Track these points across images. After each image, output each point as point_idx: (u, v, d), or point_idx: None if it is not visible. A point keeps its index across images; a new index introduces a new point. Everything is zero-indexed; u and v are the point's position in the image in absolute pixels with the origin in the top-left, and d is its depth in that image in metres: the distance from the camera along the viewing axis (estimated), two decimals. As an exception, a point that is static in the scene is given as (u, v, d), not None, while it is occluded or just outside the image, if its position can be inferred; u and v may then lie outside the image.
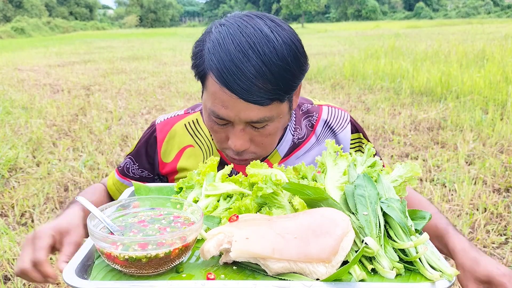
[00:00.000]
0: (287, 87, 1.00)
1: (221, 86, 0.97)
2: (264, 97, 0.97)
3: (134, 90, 8.04)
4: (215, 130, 1.08)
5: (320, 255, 0.70)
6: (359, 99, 6.71)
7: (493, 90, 6.17)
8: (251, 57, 0.94)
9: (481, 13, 56.31)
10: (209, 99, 1.02)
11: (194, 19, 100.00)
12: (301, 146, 1.27)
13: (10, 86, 8.57)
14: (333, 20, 69.15)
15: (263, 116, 1.00)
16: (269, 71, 0.95)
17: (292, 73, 0.99)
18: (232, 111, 0.99)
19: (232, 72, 0.94)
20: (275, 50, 0.95)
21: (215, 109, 1.01)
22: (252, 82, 0.94)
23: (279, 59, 0.96)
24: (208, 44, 1.01)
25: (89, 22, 54.27)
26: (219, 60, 0.96)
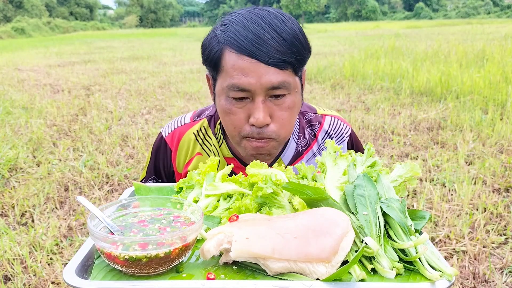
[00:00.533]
0: (299, 55, 1.06)
1: (239, 54, 1.02)
2: (281, 58, 1.03)
3: (134, 90, 8.04)
4: (233, 111, 1.08)
5: (320, 255, 0.70)
6: (359, 99, 6.71)
7: (493, 90, 6.17)
8: (264, 26, 1.02)
9: (481, 13, 56.31)
10: (227, 75, 1.05)
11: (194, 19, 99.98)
12: (304, 154, 1.31)
13: (10, 86, 8.57)
14: (333, 20, 69.13)
15: (282, 80, 1.04)
16: (282, 37, 1.03)
17: (301, 43, 1.07)
18: (253, 77, 1.02)
19: (250, 39, 1.01)
20: (283, 22, 1.05)
21: (234, 81, 1.04)
22: (269, 44, 1.01)
23: (289, 29, 1.05)
24: (219, 28, 1.08)
25: (89, 22, 54.26)
26: (235, 32, 1.03)
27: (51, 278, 2.40)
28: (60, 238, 2.83)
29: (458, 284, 2.31)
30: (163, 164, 1.34)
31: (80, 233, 2.91)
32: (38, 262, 2.55)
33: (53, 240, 2.77)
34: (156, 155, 1.35)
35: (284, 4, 54.22)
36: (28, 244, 2.74)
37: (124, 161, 4.21)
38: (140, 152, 4.44)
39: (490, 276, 2.36)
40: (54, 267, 2.50)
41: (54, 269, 2.48)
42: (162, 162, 1.34)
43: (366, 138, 4.75)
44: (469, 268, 2.42)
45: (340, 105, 6.37)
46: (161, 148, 1.34)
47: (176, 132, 1.32)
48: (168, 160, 1.33)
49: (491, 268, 2.40)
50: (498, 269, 2.44)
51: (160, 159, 1.34)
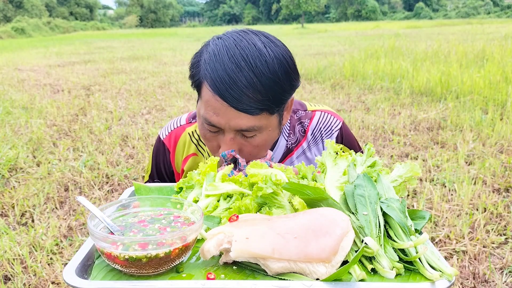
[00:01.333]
0: (277, 99, 1.04)
1: (213, 94, 1.02)
2: (253, 106, 1.01)
3: (134, 90, 8.04)
4: (207, 138, 1.13)
5: (320, 255, 0.70)
6: (359, 99, 6.71)
7: (493, 90, 6.17)
8: (243, 68, 1.00)
9: (481, 13, 56.30)
10: (203, 106, 1.07)
11: (194, 19, 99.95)
12: (294, 151, 1.32)
13: (10, 86, 8.57)
14: (333, 20, 69.13)
15: (252, 125, 1.05)
16: (260, 82, 1.00)
17: (281, 87, 1.04)
18: (223, 118, 1.04)
19: (225, 81, 1.00)
20: (266, 63, 1.01)
21: (207, 116, 1.06)
22: (242, 91, 1.00)
23: (270, 72, 1.01)
24: (204, 55, 1.07)
25: (89, 22, 54.27)
26: (213, 69, 1.02)
27: (51, 278, 2.40)
28: (60, 238, 2.83)
29: (458, 284, 2.31)
30: (164, 166, 1.37)
31: (80, 233, 2.91)
32: (38, 262, 2.55)
33: (53, 240, 2.77)
34: (157, 157, 1.38)
35: (284, 4, 54.21)
36: (28, 244, 2.74)
37: (124, 161, 4.21)
38: (140, 152, 4.44)
39: (490, 276, 2.36)
40: (54, 267, 2.50)
41: (54, 269, 2.48)
42: (163, 164, 1.36)
43: (366, 138, 4.75)
44: (469, 268, 2.42)
45: (340, 105, 6.37)
46: (160, 150, 1.36)
47: (173, 134, 1.35)
48: (167, 161, 1.36)
49: (491, 268, 2.40)
50: (498, 269, 2.44)
51: (160, 161, 1.37)
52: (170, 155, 1.35)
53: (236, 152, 1.10)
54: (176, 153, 1.34)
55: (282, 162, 1.30)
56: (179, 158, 1.35)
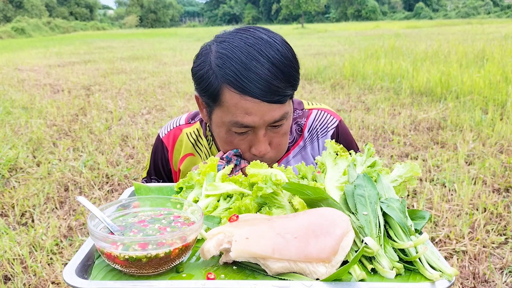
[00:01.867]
0: (295, 82, 1.09)
1: (242, 95, 1.02)
2: (282, 94, 1.05)
3: (134, 90, 8.04)
4: (235, 143, 1.12)
5: (320, 255, 0.70)
6: (359, 99, 6.71)
7: (493, 90, 6.17)
8: (262, 61, 1.02)
9: (481, 13, 56.31)
10: (229, 112, 1.06)
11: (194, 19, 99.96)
12: (291, 150, 1.33)
13: (10, 86, 8.57)
14: (333, 20, 69.13)
15: (284, 113, 1.08)
16: (280, 70, 1.04)
17: (295, 68, 1.09)
18: (257, 115, 1.05)
19: (251, 79, 1.01)
20: (279, 51, 1.05)
21: (238, 119, 1.05)
22: (270, 83, 1.02)
23: (285, 58, 1.05)
24: (214, 61, 1.05)
25: (89, 22, 54.27)
26: (234, 71, 1.02)
27: (51, 278, 2.40)
28: (60, 238, 2.83)
29: (458, 284, 2.31)
30: (162, 163, 1.38)
31: (80, 233, 2.91)
32: (38, 262, 2.55)
33: (53, 240, 2.77)
34: (155, 155, 1.39)
35: (284, 4, 54.22)
36: (28, 244, 2.74)
37: (124, 161, 4.21)
38: (140, 152, 4.44)
39: (490, 276, 2.36)
40: (54, 267, 2.50)
41: (54, 269, 2.48)
42: (161, 162, 1.38)
43: (366, 138, 4.75)
44: (469, 268, 2.42)
45: (340, 105, 6.37)
46: (159, 148, 1.38)
47: (172, 133, 1.37)
48: (165, 158, 1.38)
49: (491, 268, 2.40)
50: (498, 269, 2.44)
51: (159, 159, 1.38)
52: (169, 153, 1.37)
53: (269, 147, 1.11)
54: (175, 152, 1.36)
55: (279, 161, 1.30)
56: (177, 157, 1.37)
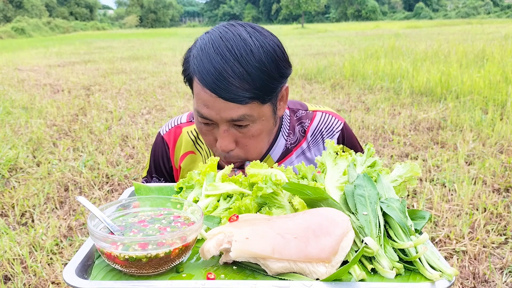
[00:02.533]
0: (265, 88, 1.05)
1: (202, 87, 1.04)
2: (241, 95, 1.02)
3: (134, 90, 8.04)
4: (203, 132, 1.14)
5: (320, 255, 0.70)
6: (359, 99, 6.71)
7: (493, 90, 6.17)
8: (229, 59, 1.02)
9: (481, 13, 56.31)
10: (195, 100, 1.10)
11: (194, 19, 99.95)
12: (293, 151, 1.31)
13: (10, 86, 8.57)
14: (333, 20, 69.13)
15: (243, 114, 1.05)
16: (246, 71, 1.02)
17: (269, 75, 1.04)
18: (213, 110, 1.05)
19: (211, 73, 1.02)
20: (252, 52, 1.02)
21: (199, 108, 1.08)
22: (229, 82, 1.01)
23: (256, 61, 1.02)
24: (193, 51, 1.10)
25: (89, 22, 54.26)
26: (200, 63, 1.05)
27: (51, 278, 2.40)
28: (60, 238, 2.83)
29: (458, 284, 2.31)
30: (163, 161, 1.38)
31: (80, 233, 2.91)
32: (38, 262, 2.55)
33: (53, 240, 2.77)
34: (156, 153, 1.39)
35: (284, 4, 54.22)
36: (28, 244, 2.74)
37: (124, 161, 4.21)
38: (140, 152, 4.44)
39: (490, 276, 2.36)
40: (54, 267, 2.50)
41: (54, 269, 2.48)
42: (162, 159, 1.38)
43: (366, 138, 4.75)
44: (469, 268, 2.42)
45: (340, 105, 6.37)
46: (159, 145, 1.38)
47: (173, 130, 1.37)
48: (167, 156, 1.37)
49: (491, 268, 2.40)
50: (498, 269, 2.44)
51: (159, 156, 1.38)
52: (170, 151, 1.36)
53: (232, 145, 1.11)
54: (176, 149, 1.36)
55: (281, 162, 1.29)
56: (178, 155, 1.36)
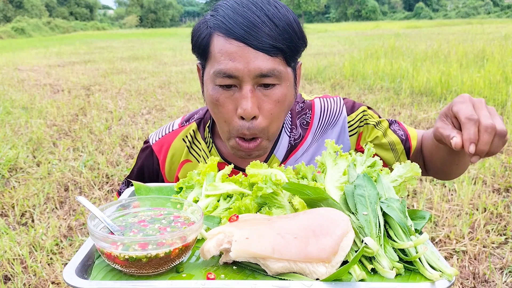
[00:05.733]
0: (291, 43, 1.01)
1: (227, 38, 0.98)
2: (271, 44, 0.97)
3: (134, 90, 8.04)
4: (220, 102, 1.02)
5: (320, 255, 0.70)
6: (359, 99, 6.71)
7: (493, 90, 6.17)
8: (255, 11, 0.98)
9: (481, 13, 56.31)
10: (214, 61, 1.00)
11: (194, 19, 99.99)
12: (298, 147, 1.23)
13: (10, 86, 8.57)
14: (333, 20, 69.12)
15: (272, 68, 0.99)
16: (274, 23, 0.98)
17: (294, 31, 1.01)
18: (241, 62, 0.97)
19: (239, 22, 0.97)
20: (277, 8, 1.00)
21: (221, 66, 0.98)
22: (259, 28, 0.97)
23: (282, 15, 1.00)
24: (209, 14, 1.05)
25: (89, 22, 54.26)
26: (224, 16, 0.99)
27: (51, 278, 2.40)
28: (60, 238, 2.83)
29: (458, 284, 2.31)
30: (149, 173, 1.25)
31: (80, 233, 2.91)
32: (38, 262, 2.55)
33: (53, 240, 2.77)
34: (142, 161, 1.26)
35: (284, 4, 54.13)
36: (28, 244, 2.74)
37: (124, 161, 4.21)
38: (140, 152, 4.44)
39: (490, 276, 2.36)
40: (54, 267, 2.50)
41: (54, 269, 2.47)
42: (148, 170, 1.25)
43: (366, 138, 4.75)
44: (469, 268, 2.42)
45: (340, 105, 6.36)
46: (147, 156, 1.25)
47: (164, 140, 1.24)
48: (154, 169, 1.24)
49: (491, 268, 2.40)
50: (498, 269, 2.44)
51: (145, 166, 1.25)
52: (160, 163, 1.23)
53: (257, 109, 1.01)
54: (168, 162, 1.23)
55: (286, 161, 1.21)
56: (172, 167, 1.23)
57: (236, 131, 1.04)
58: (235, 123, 1.03)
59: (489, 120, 0.84)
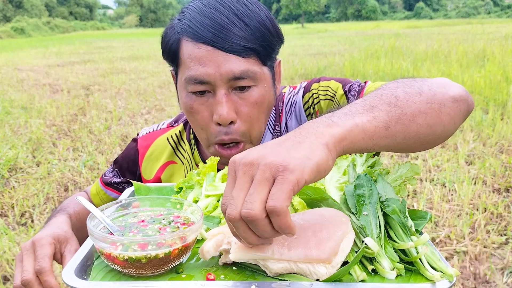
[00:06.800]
0: (265, 42, 0.96)
1: (195, 42, 0.93)
2: (242, 45, 0.92)
3: (134, 90, 8.04)
4: (195, 109, 0.98)
5: (320, 256, 0.70)
6: (359, 99, 6.71)
7: (493, 90, 6.17)
8: (223, 11, 0.93)
9: (481, 13, 56.34)
10: (185, 68, 0.96)
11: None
12: None
13: (9, 86, 8.57)
14: (333, 20, 69.14)
15: (245, 69, 0.93)
16: (244, 22, 0.93)
17: (267, 28, 0.96)
18: (211, 66, 0.92)
19: (206, 24, 0.92)
20: (246, 6, 0.95)
21: (191, 72, 0.94)
22: (228, 30, 0.91)
23: (252, 14, 0.94)
24: (176, 18, 1.00)
25: (89, 22, 54.30)
26: (190, 19, 0.94)
27: (50, 278, 2.40)
28: (59, 238, 2.83)
29: (459, 285, 2.31)
30: (128, 163, 1.24)
31: (79, 233, 2.91)
32: (37, 262, 2.54)
33: (52, 240, 2.77)
34: (128, 151, 1.25)
35: (284, 4, 54.28)
36: (28, 244, 2.74)
37: (124, 161, 4.21)
38: (140, 152, 4.45)
39: (491, 276, 2.36)
40: (53, 268, 2.50)
41: (54, 270, 2.47)
42: (127, 162, 1.24)
43: (366, 138, 4.75)
44: (470, 268, 2.42)
45: (340, 105, 6.37)
46: (133, 147, 1.24)
47: (150, 136, 1.22)
48: (132, 161, 1.23)
49: (492, 268, 2.40)
50: (499, 269, 2.43)
51: (128, 156, 1.24)
52: (139, 157, 1.22)
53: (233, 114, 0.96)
54: (146, 157, 1.21)
55: None
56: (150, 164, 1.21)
57: (214, 137, 1.00)
58: (213, 130, 0.99)
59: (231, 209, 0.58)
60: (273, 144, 0.62)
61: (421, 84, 0.81)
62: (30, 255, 0.88)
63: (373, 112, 0.69)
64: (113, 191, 1.25)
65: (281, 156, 0.58)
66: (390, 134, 0.71)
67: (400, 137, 0.73)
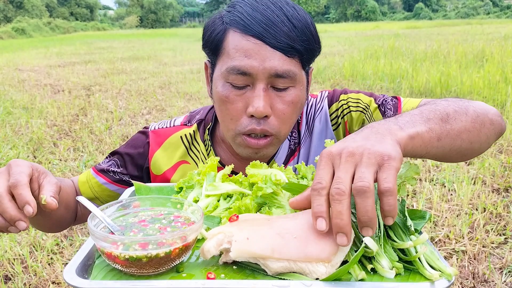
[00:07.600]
0: (308, 44, 1.00)
1: (244, 34, 0.96)
2: (289, 44, 0.96)
3: (135, 91, 8.04)
4: (230, 99, 0.99)
5: (319, 255, 0.70)
6: (359, 100, 6.71)
7: (492, 91, 6.17)
8: (274, 10, 0.97)
9: (481, 13, 56.31)
10: (228, 57, 0.98)
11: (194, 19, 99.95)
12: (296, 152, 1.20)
13: (10, 87, 8.57)
14: (332, 21, 69.11)
15: (288, 69, 0.97)
16: (292, 24, 0.97)
17: (311, 33, 1.01)
18: (257, 59, 0.95)
19: (258, 19, 0.95)
20: (295, 9, 0.99)
21: (235, 63, 0.96)
22: (278, 27, 0.95)
23: (300, 17, 0.99)
24: (224, 9, 1.02)
25: (89, 22, 54.27)
26: (242, 12, 0.97)
27: (51, 278, 2.40)
28: (60, 238, 2.83)
29: (457, 284, 2.31)
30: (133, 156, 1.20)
31: (80, 233, 2.91)
32: (38, 262, 2.55)
33: (53, 240, 2.78)
34: (135, 143, 1.22)
35: (284, 4, 54.16)
36: (29, 244, 2.74)
37: (124, 161, 4.21)
38: (140, 152, 4.45)
39: (490, 276, 2.36)
40: (54, 267, 2.50)
41: (55, 269, 2.48)
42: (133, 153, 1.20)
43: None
44: (469, 268, 2.42)
45: (340, 105, 6.37)
46: (142, 140, 1.21)
47: (163, 132, 1.21)
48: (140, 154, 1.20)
49: (490, 268, 2.40)
50: (498, 269, 2.44)
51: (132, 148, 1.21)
52: (150, 149, 1.19)
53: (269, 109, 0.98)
54: (160, 151, 1.19)
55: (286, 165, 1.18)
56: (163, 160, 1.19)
57: (245, 127, 1.01)
58: (244, 120, 1.01)
59: (340, 185, 0.65)
60: (361, 138, 0.70)
61: (467, 105, 0.92)
62: (4, 174, 0.82)
63: (430, 124, 0.79)
64: (105, 178, 1.20)
65: (381, 147, 0.67)
66: (440, 145, 0.81)
67: (447, 149, 0.84)
